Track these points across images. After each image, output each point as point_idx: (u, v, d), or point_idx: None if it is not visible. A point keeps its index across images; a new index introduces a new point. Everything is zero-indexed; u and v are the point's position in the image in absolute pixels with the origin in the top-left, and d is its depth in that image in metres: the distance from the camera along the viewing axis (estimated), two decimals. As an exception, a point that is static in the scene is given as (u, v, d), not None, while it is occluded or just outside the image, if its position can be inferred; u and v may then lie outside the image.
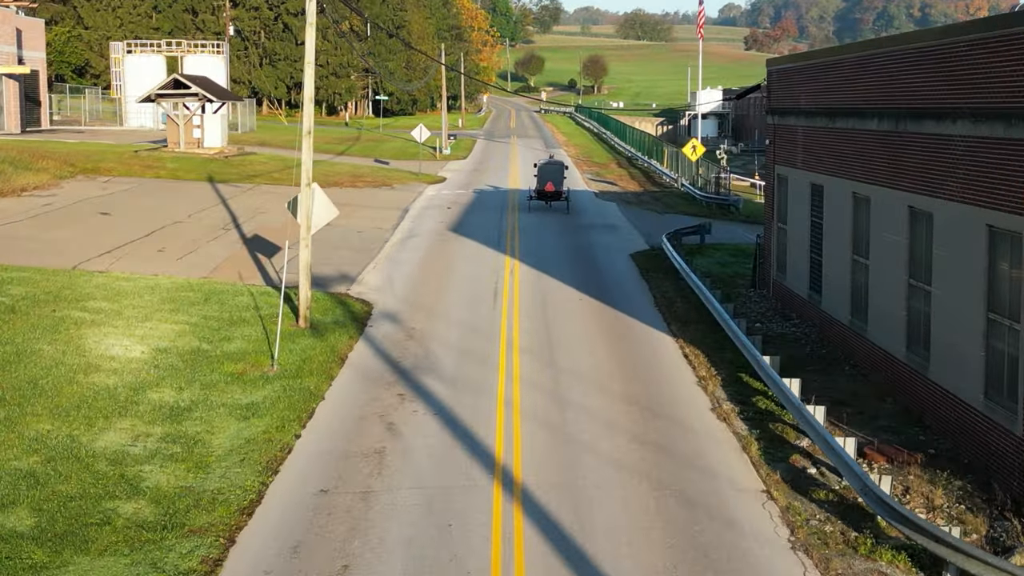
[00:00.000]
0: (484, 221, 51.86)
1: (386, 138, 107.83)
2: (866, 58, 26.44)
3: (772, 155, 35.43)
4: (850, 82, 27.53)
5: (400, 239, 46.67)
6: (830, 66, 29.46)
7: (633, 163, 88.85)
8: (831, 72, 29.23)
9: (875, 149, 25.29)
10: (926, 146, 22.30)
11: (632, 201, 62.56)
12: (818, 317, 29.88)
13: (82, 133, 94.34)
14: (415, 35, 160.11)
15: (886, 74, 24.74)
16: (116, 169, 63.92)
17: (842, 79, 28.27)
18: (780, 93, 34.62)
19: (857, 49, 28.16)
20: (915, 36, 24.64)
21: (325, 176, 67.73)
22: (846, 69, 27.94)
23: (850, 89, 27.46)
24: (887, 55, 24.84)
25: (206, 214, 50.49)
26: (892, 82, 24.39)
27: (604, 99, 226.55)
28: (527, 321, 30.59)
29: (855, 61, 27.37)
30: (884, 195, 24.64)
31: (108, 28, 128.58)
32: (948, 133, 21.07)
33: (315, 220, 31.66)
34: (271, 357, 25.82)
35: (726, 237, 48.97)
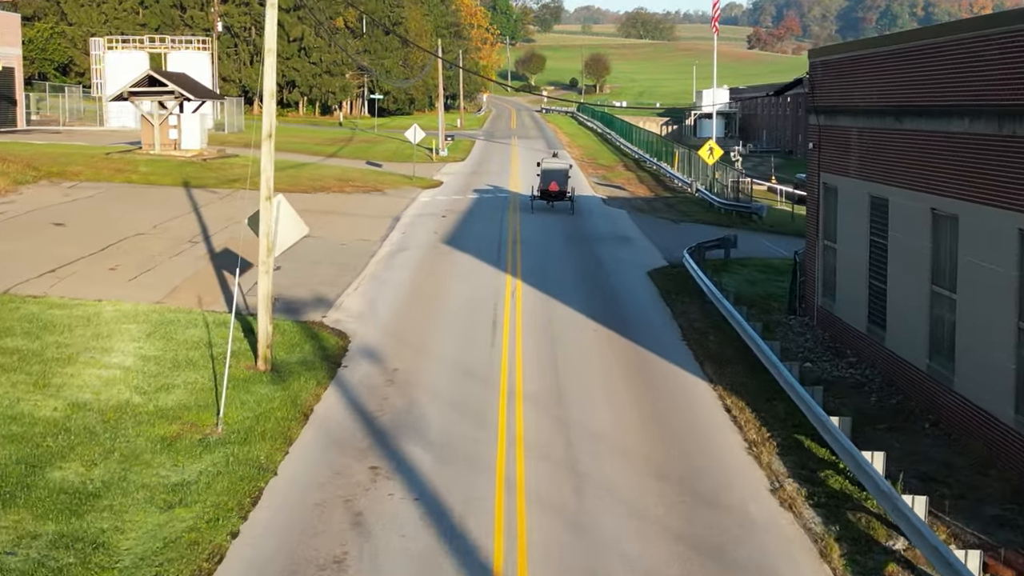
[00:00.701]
0: (482, 232, 46.83)
1: (380, 139, 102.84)
2: (953, 44, 21.38)
3: (816, 161, 30.40)
4: (930, 73, 22.48)
5: (388, 253, 41.63)
6: (901, 55, 24.40)
7: (641, 165, 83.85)
8: (902, 62, 24.18)
9: (966, 157, 20.27)
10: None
11: (643, 208, 57.53)
12: (881, 357, 24.87)
13: (59, 133, 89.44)
14: (412, 32, 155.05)
15: (984, 63, 19.70)
16: (83, 173, 58.95)
17: (918, 70, 23.21)
18: (828, 88, 29.59)
19: (937, 33, 23.06)
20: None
21: (311, 180, 62.82)
22: (925, 58, 22.88)
23: (930, 82, 22.42)
24: (985, 39, 19.78)
25: (174, 224, 45.47)
26: (992, 72, 19.35)
27: (607, 98, 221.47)
28: (532, 360, 25.58)
29: (937, 48, 22.31)
30: (979, 214, 19.63)
31: (92, 24, 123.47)
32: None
33: (280, 239, 26.68)
34: (216, 413, 20.81)
35: (752, 250, 43.98)
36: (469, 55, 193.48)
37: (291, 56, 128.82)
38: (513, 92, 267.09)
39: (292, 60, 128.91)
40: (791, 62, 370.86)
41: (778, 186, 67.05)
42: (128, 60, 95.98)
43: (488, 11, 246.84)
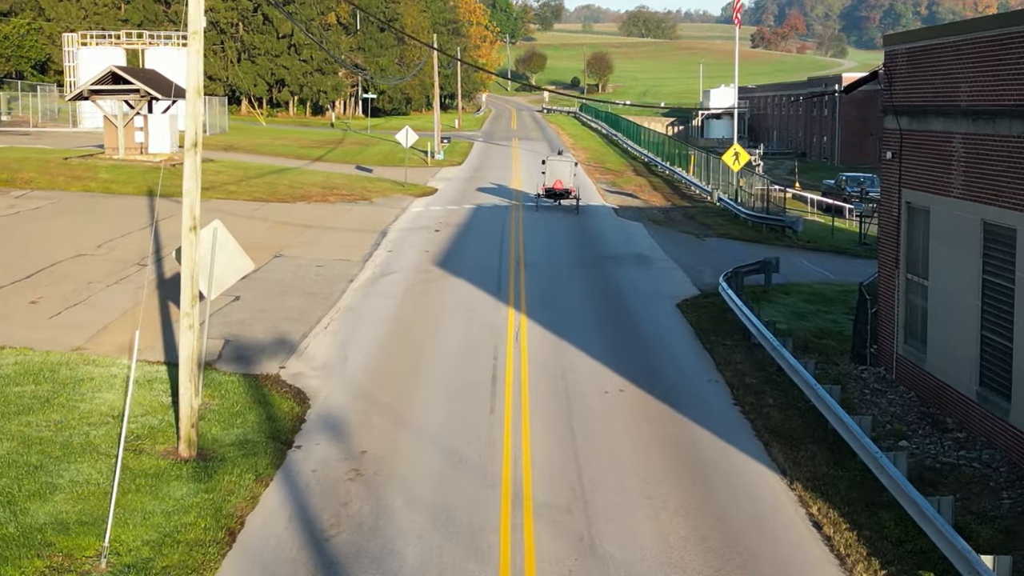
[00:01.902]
0: (480, 251, 40.75)
1: (373, 141, 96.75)
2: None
3: (896, 174, 24.30)
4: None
5: (370, 278, 35.55)
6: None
7: (652, 170, 77.81)
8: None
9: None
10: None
11: (661, 220, 51.45)
12: (1004, 435, 18.80)
13: (27, 136, 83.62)
14: (408, 29, 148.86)
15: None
16: (36, 180, 53.08)
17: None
18: (914, 83, 23.49)
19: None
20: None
21: (291, 188, 56.83)
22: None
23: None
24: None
25: (124, 242, 39.45)
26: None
27: (610, 97, 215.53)
28: (543, 442, 19.49)
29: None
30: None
31: (71, 20, 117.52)
32: None
33: (218, 278, 20.54)
34: (104, 537, 14.75)
35: (792, 272, 37.92)
36: (468, 53, 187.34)
37: (280, 54, 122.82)
38: (513, 91, 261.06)
39: (281, 58, 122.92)
40: (796, 61, 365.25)
41: (806, 194, 60.95)
42: (103, 57, 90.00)
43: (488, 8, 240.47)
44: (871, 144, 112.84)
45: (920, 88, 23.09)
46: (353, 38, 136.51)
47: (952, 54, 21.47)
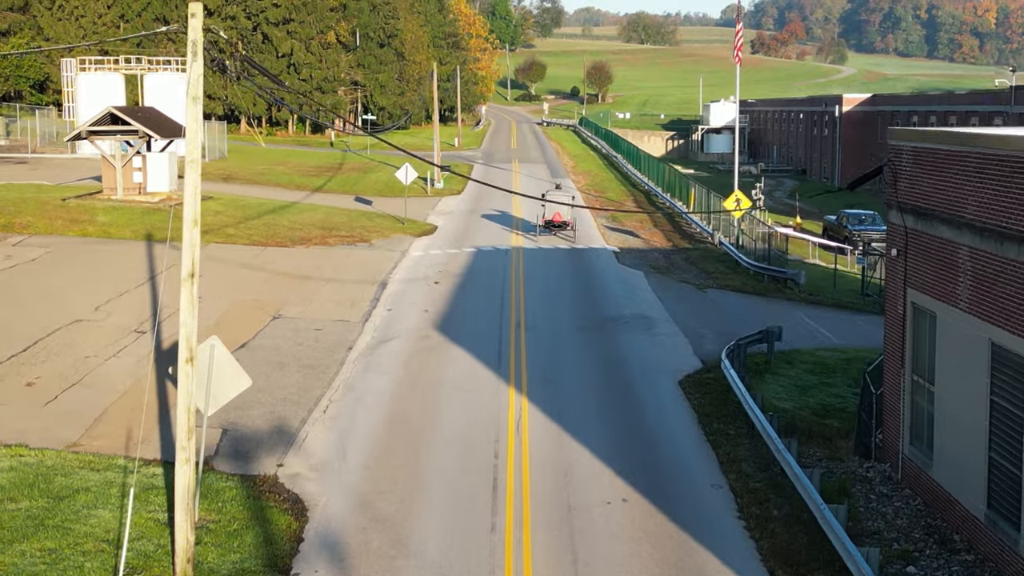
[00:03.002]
0: (481, 310, 40.43)
1: (372, 165, 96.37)
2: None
3: (902, 272, 24.02)
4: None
5: (369, 345, 35.25)
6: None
7: (652, 200, 77.50)
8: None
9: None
10: None
11: (662, 266, 51.15)
12: (1014, 566, 18.52)
13: (25, 163, 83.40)
14: (408, 44, 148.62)
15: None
16: (35, 224, 52.87)
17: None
18: (919, 184, 23.21)
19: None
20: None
21: (291, 229, 56.54)
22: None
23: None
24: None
25: (122, 303, 39.16)
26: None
27: (610, 108, 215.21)
28: (544, 561, 19.17)
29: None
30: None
31: (71, 39, 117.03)
32: None
33: (215, 396, 20.29)
34: None
35: (795, 336, 37.60)
36: (468, 66, 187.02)
37: (280, 73, 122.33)
38: (513, 101, 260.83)
39: (281, 77, 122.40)
40: (796, 68, 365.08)
41: (809, 237, 60.31)
42: (102, 82, 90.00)
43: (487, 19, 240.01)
44: (871, 165, 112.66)
45: (926, 190, 22.81)
46: (352, 55, 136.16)
47: (958, 164, 21.19)
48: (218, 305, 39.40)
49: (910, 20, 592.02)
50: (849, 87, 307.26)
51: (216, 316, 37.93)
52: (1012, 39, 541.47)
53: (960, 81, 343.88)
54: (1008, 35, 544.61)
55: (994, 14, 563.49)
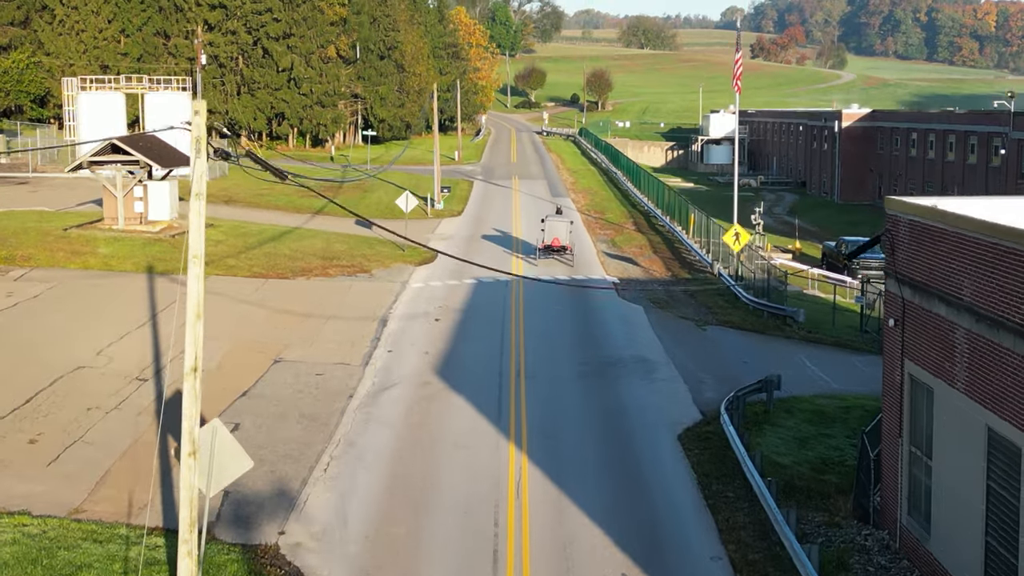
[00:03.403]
0: (480, 352, 40.58)
1: (372, 183, 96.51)
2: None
3: (899, 343, 24.19)
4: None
5: (370, 392, 35.42)
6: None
7: (652, 222, 77.66)
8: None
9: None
10: None
11: (662, 300, 51.32)
12: (1010, 655, 18.66)
13: (27, 183, 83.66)
14: (408, 56, 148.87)
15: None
16: (37, 257, 53.10)
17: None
18: (917, 258, 23.37)
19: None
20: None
21: (291, 259, 56.72)
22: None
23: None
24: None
25: (124, 345, 39.31)
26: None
27: (609, 116, 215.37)
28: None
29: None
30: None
31: (71, 54, 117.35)
32: None
33: (217, 477, 20.40)
34: None
35: (795, 380, 37.75)
36: (468, 76, 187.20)
37: (280, 87, 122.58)
38: (513, 108, 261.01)
39: (281, 91, 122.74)
40: (796, 73, 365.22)
41: (810, 268, 60.26)
42: (103, 101, 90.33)
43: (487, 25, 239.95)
44: (871, 180, 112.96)
45: (923, 265, 22.96)
46: (352, 67, 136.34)
47: (955, 245, 21.34)
48: (219, 347, 39.53)
49: (910, 23, 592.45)
50: (848, 93, 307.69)
51: (217, 359, 38.10)
52: (1012, 42, 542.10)
53: (959, 86, 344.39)
54: (1008, 38, 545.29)
55: (994, 17, 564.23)
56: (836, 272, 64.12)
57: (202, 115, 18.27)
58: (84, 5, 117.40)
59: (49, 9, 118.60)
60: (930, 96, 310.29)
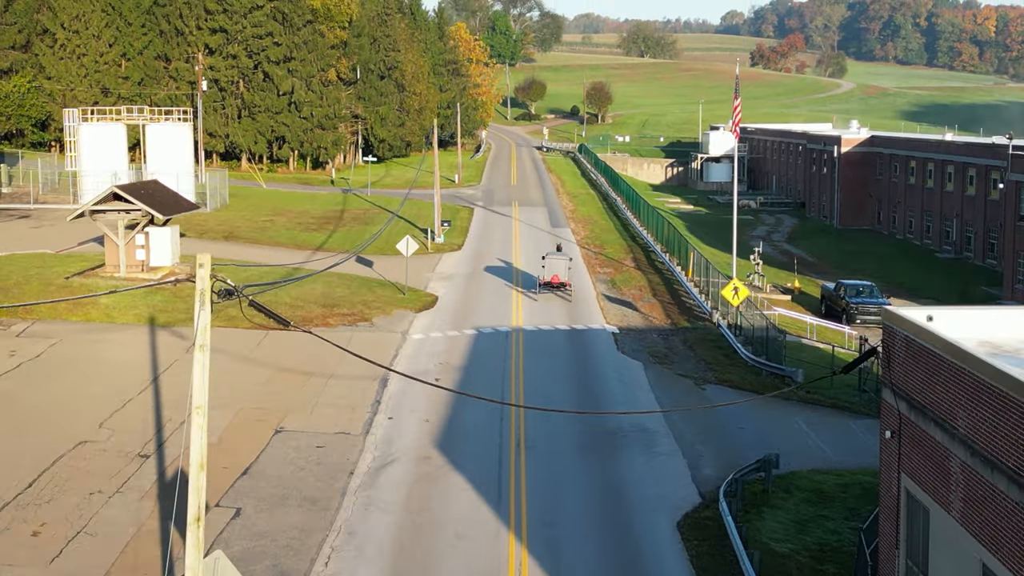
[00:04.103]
0: (480, 421, 40.74)
1: (373, 212, 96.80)
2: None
3: (896, 456, 24.41)
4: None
5: (370, 470, 35.67)
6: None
7: (651, 257, 77.90)
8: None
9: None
10: None
11: (661, 354, 51.56)
12: None
13: (28, 216, 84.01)
14: (409, 75, 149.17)
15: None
16: (38, 309, 53.37)
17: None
18: (913, 376, 23.58)
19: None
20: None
21: (292, 306, 56.96)
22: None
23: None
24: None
25: (126, 415, 39.56)
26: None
27: (609, 130, 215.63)
28: None
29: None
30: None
31: (72, 78, 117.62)
32: None
33: (219, 609, 20.65)
34: None
35: (793, 452, 38.02)
36: (468, 92, 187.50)
37: (281, 111, 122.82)
38: (513, 120, 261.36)
39: (282, 115, 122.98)
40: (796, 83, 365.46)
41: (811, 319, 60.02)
42: (104, 132, 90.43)
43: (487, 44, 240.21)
44: (870, 205, 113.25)
45: (919, 385, 23.17)
46: (353, 88, 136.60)
47: (953, 375, 21.54)
48: (222, 416, 39.69)
49: (910, 28, 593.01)
50: (848, 103, 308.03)
51: (219, 431, 38.28)
52: (1012, 47, 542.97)
53: (959, 95, 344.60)
54: (1008, 43, 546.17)
55: (993, 22, 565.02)
56: (835, 314, 64.31)
57: (207, 268, 18.49)
58: (85, 29, 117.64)
59: (50, 33, 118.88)
60: (930, 106, 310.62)
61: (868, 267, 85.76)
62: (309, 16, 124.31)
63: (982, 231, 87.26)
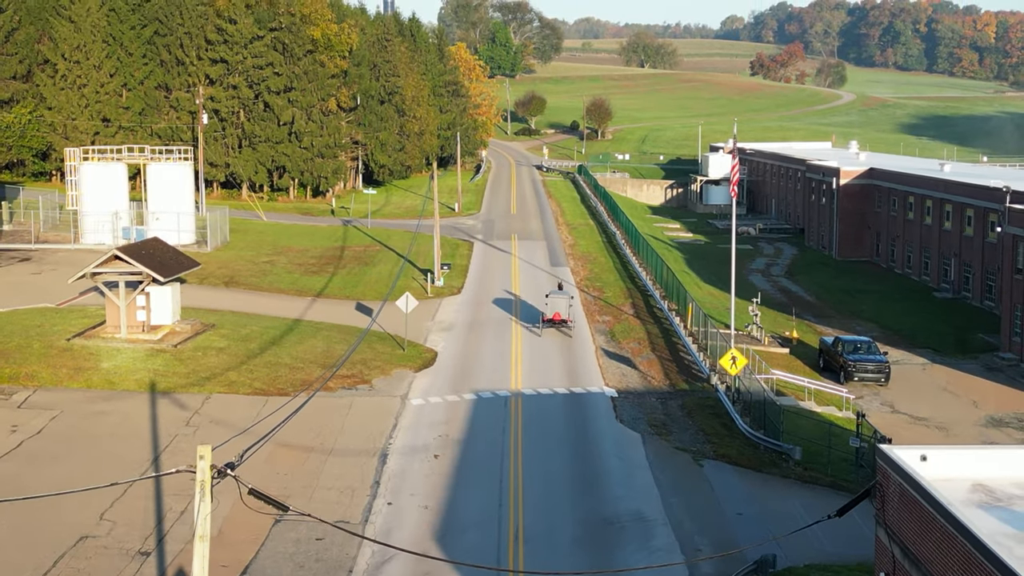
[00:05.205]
0: (479, 507, 41.02)
1: (373, 251, 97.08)
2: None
3: (890, 599, 24.67)
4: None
5: (368, 567, 35.88)
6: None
7: (650, 303, 78.16)
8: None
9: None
10: None
11: (659, 423, 51.84)
12: None
13: (29, 259, 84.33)
14: (409, 99, 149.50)
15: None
16: (40, 375, 53.88)
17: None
18: (907, 527, 23.84)
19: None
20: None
21: (292, 368, 57.34)
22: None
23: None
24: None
25: (127, 505, 39.79)
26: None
27: (609, 149, 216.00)
28: None
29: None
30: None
31: (73, 108, 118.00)
32: None
33: None
34: None
35: (790, 543, 38.12)
36: (468, 113, 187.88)
37: (281, 141, 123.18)
38: (513, 135, 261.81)
39: (282, 145, 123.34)
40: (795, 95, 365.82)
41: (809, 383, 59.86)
42: (105, 172, 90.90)
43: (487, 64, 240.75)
44: (869, 237, 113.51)
45: (912, 536, 23.41)
46: (353, 114, 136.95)
47: (944, 539, 21.79)
48: (223, 503, 39.89)
49: (909, 34, 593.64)
50: (848, 115, 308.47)
51: (219, 523, 38.46)
52: (1011, 53, 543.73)
53: (958, 106, 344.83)
54: (1008, 49, 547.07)
55: (993, 28, 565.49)
56: (832, 369, 64.53)
57: (207, 460, 18.74)
58: (86, 59, 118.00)
59: (51, 63, 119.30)
60: (929, 118, 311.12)
61: (866, 309, 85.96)
62: (309, 46, 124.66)
63: (980, 272, 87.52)
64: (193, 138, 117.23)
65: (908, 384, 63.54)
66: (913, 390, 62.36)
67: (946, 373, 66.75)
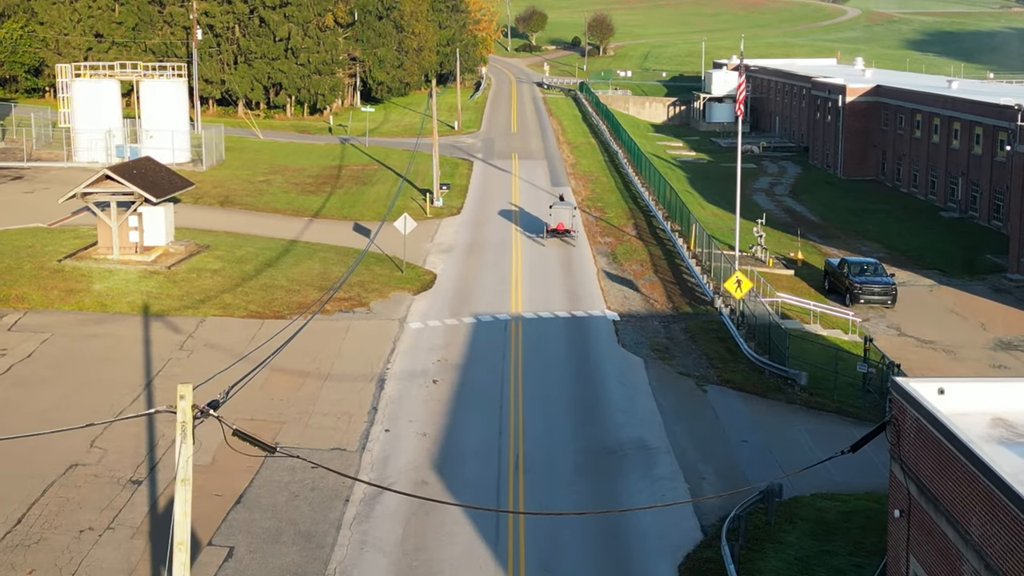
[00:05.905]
0: (478, 435, 40.11)
1: (371, 169, 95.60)
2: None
3: (905, 537, 23.75)
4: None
5: (366, 498, 35.02)
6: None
7: (652, 224, 76.90)
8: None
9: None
10: None
11: (662, 347, 50.81)
12: None
13: (22, 177, 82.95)
14: (407, 14, 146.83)
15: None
16: (31, 296, 52.82)
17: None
18: (923, 460, 22.83)
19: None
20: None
21: (288, 290, 56.23)
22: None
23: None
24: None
25: (119, 431, 38.83)
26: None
27: (611, 66, 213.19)
28: None
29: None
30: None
31: (65, 24, 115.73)
32: None
33: None
34: None
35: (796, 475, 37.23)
36: (468, 28, 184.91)
37: (277, 57, 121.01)
38: (513, 52, 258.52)
39: (279, 62, 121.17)
40: (800, 10, 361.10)
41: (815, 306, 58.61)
42: (97, 89, 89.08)
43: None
44: (874, 156, 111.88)
45: (930, 473, 22.42)
46: (350, 30, 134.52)
47: (965, 477, 20.77)
48: (216, 430, 39.00)
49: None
50: (853, 31, 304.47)
51: (212, 450, 37.65)
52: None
53: (965, 22, 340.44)
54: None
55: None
56: (838, 291, 63.39)
57: (187, 399, 17.66)
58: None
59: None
60: (935, 33, 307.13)
61: (872, 228, 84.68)
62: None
63: (988, 191, 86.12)
64: (188, 54, 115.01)
65: (915, 306, 62.43)
66: (920, 312, 61.28)
67: (953, 295, 65.64)
